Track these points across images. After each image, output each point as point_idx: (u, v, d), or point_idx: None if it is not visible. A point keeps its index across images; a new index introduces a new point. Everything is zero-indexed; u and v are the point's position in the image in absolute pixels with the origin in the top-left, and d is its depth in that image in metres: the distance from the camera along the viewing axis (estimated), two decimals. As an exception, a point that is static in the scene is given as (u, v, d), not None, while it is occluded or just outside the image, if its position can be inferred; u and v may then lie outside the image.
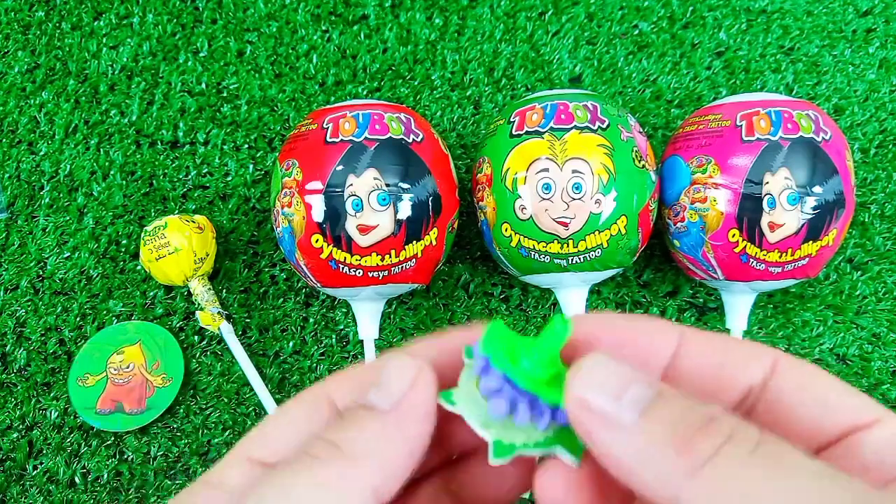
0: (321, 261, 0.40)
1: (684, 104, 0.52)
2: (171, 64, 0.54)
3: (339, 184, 0.39)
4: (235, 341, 0.45)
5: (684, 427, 0.13)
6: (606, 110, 0.40)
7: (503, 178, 0.40)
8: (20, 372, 0.46)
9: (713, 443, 0.13)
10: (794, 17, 0.55)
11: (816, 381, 0.15)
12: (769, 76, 0.53)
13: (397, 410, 0.15)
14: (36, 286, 0.48)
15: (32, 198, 0.50)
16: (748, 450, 0.13)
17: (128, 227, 0.49)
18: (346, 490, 0.14)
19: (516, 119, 0.41)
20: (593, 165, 0.39)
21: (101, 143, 0.52)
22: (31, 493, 0.43)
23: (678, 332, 0.16)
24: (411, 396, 0.16)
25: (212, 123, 0.52)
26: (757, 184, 0.38)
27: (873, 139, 0.51)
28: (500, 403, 0.16)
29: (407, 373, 0.16)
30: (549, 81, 0.53)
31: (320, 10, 0.55)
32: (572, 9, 0.55)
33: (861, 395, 0.15)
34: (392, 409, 0.15)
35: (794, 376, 0.15)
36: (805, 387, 0.15)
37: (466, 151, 0.51)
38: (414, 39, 0.54)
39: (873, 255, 0.48)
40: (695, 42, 0.54)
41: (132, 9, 0.55)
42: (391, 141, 0.40)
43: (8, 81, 0.53)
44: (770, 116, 0.39)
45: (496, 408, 0.16)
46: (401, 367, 0.16)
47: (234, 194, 0.50)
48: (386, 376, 0.16)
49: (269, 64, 0.54)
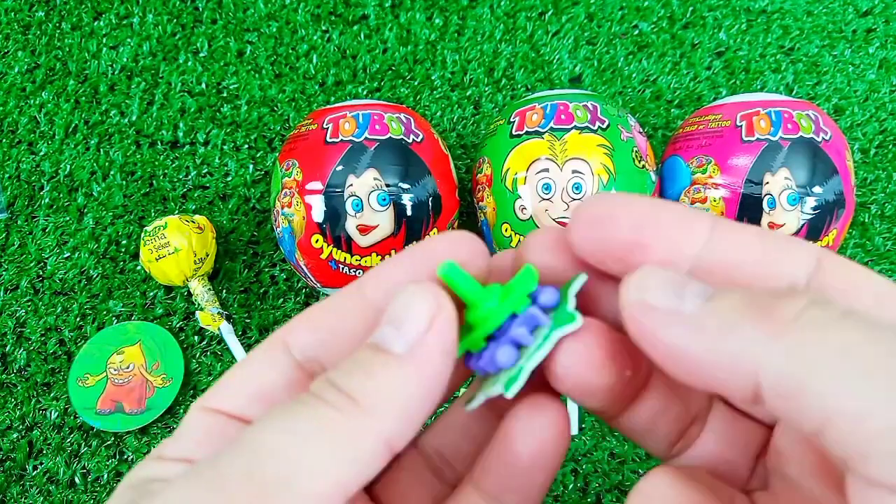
0: (321, 261, 0.40)
1: (684, 104, 0.52)
2: (171, 64, 0.54)
3: (339, 184, 0.39)
4: (235, 341, 0.45)
5: (761, 298, 0.12)
6: (606, 110, 0.40)
7: (503, 178, 0.40)
8: (20, 372, 0.46)
9: (797, 305, 0.12)
10: (794, 17, 0.55)
11: (867, 281, 0.14)
12: (769, 76, 0.53)
13: (415, 355, 0.14)
14: (36, 286, 0.48)
15: (32, 198, 0.50)
16: (838, 313, 0.11)
17: (128, 227, 0.49)
18: (358, 442, 0.13)
19: (516, 119, 0.41)
20: (593, 166, 0.39)
21: (101, 143, 0.52)
22: (31, 494, 0.43)
23: (710, 221, 0.14)
24: (430, 338, 0.14)
25: (212, 123, 0.52)
26: (757, 184, 0.38)
27: (873, 139, 0.51)
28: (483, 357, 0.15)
29: (424, 309, 0.14)
30: (549, 81, 0.53)
31: (320, 10, 0.55)
32: (572, 9, 0.55)
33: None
34: (409, 353, 0.14)
35: (841, 274, 0.14)
36: (855, 286, 0.13)
37: (466, 151, 0.51)
38: (414, 39, 0.54)
39: (873, 255, 0.48)
40: (695, 42, 0.54)
41: (132, 9, 0.55)
42: (391, 141, 0.40)
43: (8, 81, 0.53)
44: (770, 116, 0.39)
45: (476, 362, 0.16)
46: (416, 302, 0.14)
47: (234, 194, 0.50)
48: (399, 311, 0.14)
49: (269, 64, 0.54)
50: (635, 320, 0.13)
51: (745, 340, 0.12)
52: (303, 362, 0.16)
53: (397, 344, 0.14)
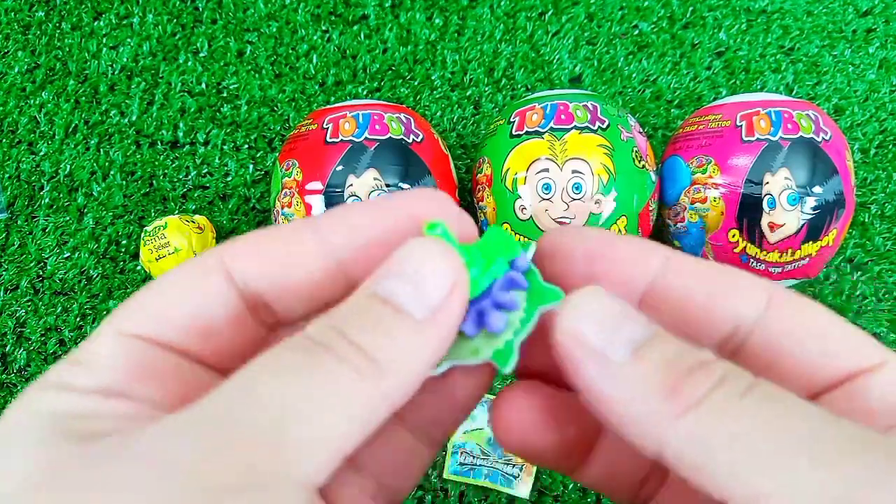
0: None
1: (684, 104, 0.52)
2: (171, 64, 0.54)
3: (339, 184, 0.39)
4: (235, 341, 0.45)
5: (674, 370, 0.13)
6: (606, 110, 0.40)
7: (503, 178, 0.40)
8: (20, 372, 0.46)
9: (702, 386, 0.12)
10: (794, 17, 0.55)
11: (815, 320, 0.14)
12: (769, 76, 0.53)
13: (436, 321, 0.13)
14: (36, 286, 0.48)
15: (32, 198, 0.50)
16: (739, 393, 0.12)
17: (128, 227, 0.49)
18: (363, 398, 0.12)
19: (516, 119, 0.41)
20: (593, 166, 0.39)
21: (101, 143, 0.52)
22: (32, 493, 0.43)
23: (663, 255, 0.15)
24: (451, 304, 0.13)
25: (212, 123, 0.52)
26: (757, 184, 0.38)
27: (873, 139, 0.51)
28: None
29: (447, 271, 0.13)
30: (549, 81, 0.53)
31: (320, 10, 0.55)
32: (572, 9, 0.55)
33: (864, 336, 0.14)
34: (430, 318, 0.13)
35: (790, 313, 0.14)
36: (803, 325, 0.14)
37: (466, 151, 0.51)
38: (414, 39, 0.54)
39: (873, 255, 0.48)
40: (695, 42, 0.54)
41: (132, 9, 0.55)
42: (391, 141, 0.40)
43: (8, 81, 0.53)
44: (770, 116, 0.39)
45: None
46: (438, 262, 0.13)
47: (234, 194, 0.50)
48: (415, 267, 0.13)
49: (269, 64, 0.54)
50: (565, 348, 0.14)
51: (653, 412, 0.12)
52: (244, 292, 0.14)
53: (416, 307, 0.13)
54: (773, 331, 0.14)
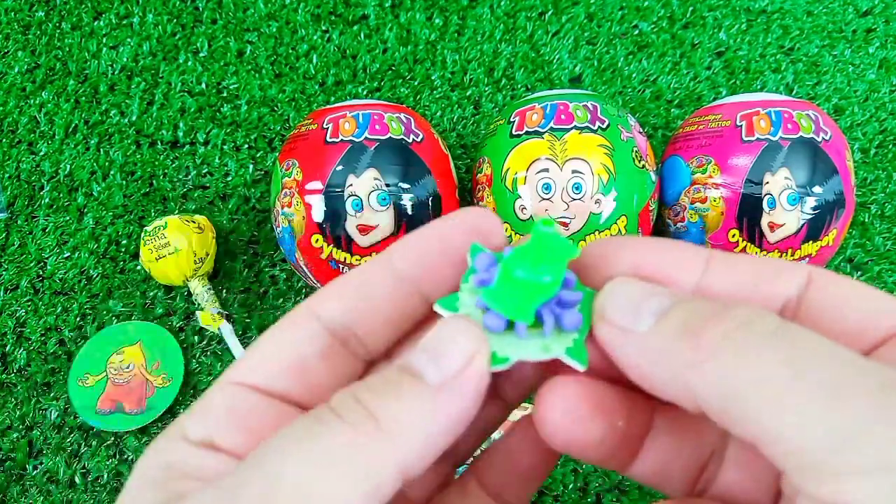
0: (321, 261, 0.40)
1: (684, 104, 0.52)
2: (171, 64, 0.54)
3: (338, 184, 0.39)
4: (235, 341, 0.45)
5: (696, 318, 0.13)
6: (606, 110, 0.40)
7: (503, 178, 0.40)
8: (20, 372, 0.46)
9: (723, 329, 0.12)
10: (794, 17, 0.55)
11: (856, 292, 0.14)
12: (769, 76, 0.53)
13: (448, 388, 0.13)
14: (36, 286, 0.48)
15: (32, 198, 0.50)
16: (763, 335, 0.12)
17: (128, 227, 0.49)
18: (373, 465, 0.12)
19: (516, 119, 0.41)
20: (593, 165, 0.39)
21: (101, 143, 0.52)
22: (31, 493, 0.43)
23: (705, 255, 0.15)
24: (467, 374, 0.14)
25: (212, 123, 0.52)
26: (757, 184, 0.38)
27: (873, 139, 0.51)
28: (493, 319, 0.15)
29: (467, 345, 0.14)
30: (549, 81, 0.53)
31: (320, 10, 0.55)
32: (572, 9, 0.55)
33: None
34: (442, 385, 0.13)
35: (831, 288, 0.14)
36: (845, 297, 0.14)
37: (466, 151, 0.51)
38: (414, 39, 0.54)
39: (873, 255, 0.48)
40: (695, 42, 0.54)
41: (132, 9, 0.55)
42: (391, 141, 0.40)
43: (8, 81, 0.53)
44: (770, 116, 0.39)
45: (491, 322, 0.15)
46: (460, 337, 0.14)
47: (234, 194, 0.50)
48: (438, 343, 0.14)
49: (269, 64, 0.54)
50: (599, 330, 0.14)
51: (677, 365, 0.13)
52: (334, 330, 0.16)
53: (431, 373, 0.14)
54: (818, 304, 0.14)
